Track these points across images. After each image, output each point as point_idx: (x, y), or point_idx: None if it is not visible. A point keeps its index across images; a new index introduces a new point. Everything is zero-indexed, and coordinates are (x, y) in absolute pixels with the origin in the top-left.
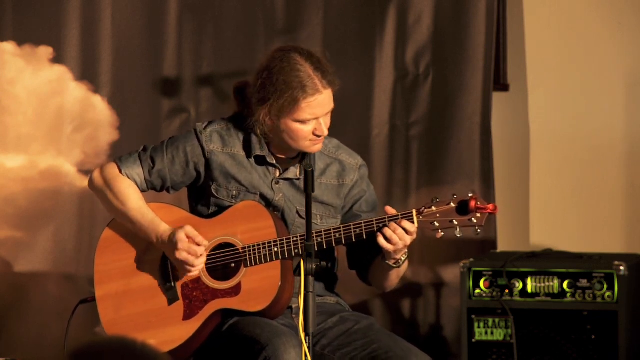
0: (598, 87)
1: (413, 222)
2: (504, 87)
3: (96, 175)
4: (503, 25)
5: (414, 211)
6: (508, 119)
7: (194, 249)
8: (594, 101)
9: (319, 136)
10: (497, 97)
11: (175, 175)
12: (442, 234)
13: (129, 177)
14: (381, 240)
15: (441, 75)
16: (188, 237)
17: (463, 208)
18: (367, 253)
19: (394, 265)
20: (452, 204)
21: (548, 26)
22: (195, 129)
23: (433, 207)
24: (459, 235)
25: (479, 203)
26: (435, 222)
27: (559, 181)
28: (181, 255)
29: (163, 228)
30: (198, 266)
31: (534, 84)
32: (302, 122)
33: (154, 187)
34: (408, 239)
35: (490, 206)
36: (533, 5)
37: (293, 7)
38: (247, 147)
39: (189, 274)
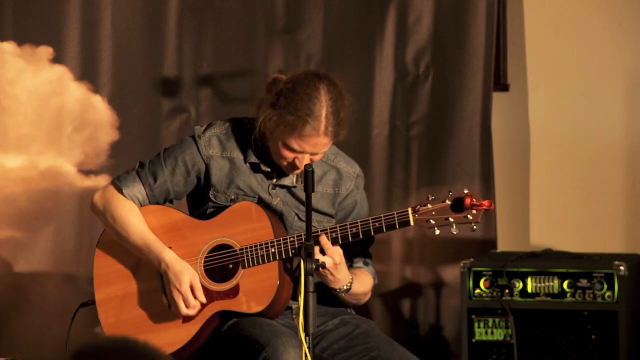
0: (598, 87)
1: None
2: (504, 87)
3: (97, 199)
4: (503, 25)
5: (410, 209)
6: (508, 119)
7: (191, 301)
8: (594, 101)
9: (297, 166)
10: (497, 97)
11: (177, 186)
12: (439, 231)
13: (130, 197)
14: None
15: (441, 75)
16: (191, 287)
17: (458, 205)
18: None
19: (335, 293)
20: (448, 201)
21: (548, 26)
22: (193, 135)
23: (428, 205)
24: (454, 232)
25: (473, 200)
26: (431, 220)
27: (559, 181)
28: (177, 296)
29: (168, 257)
30: (186, 312)
31: (534, 84)
32: (288, 147)
33: (157, 202)
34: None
35: (486, 202)
36: (533, 5)
37: (293, 7)
38: (245, 152)
39: (185, 310)
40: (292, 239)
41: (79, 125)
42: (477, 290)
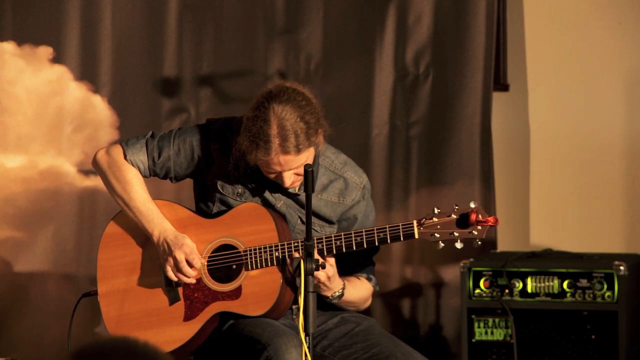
0: (598, 87)
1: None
2: (504, 87)
3: (101, 155)
4: (503, 25)
5: (415, 222)
6: (508, 119)
7: (194, 257)
8: (594, 101)
9: (284, 183)
10: (497, 97)
11: (180, 167)
12: (443, 245)
13: (132, 164)
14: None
15: (441, 75)
16: (187, 255)
17: (464, 221)
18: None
19: (327, 300)
20: (454, 216)
21: (548, 26)
22: (205, 125)
23: (434, 219)
24: (459, 247)
25: (479, 216)
26: (436, 234)
27: (559, 181)
28: (180, 255)
29: (169, 225)
30: (186, 274)
31: (534, 84)
32: (263, 169)
33: (156, 175)
34: (320, 275)
35: (491, 219)
36: (533, 5)
37: (293, 7)
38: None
39: (174, 276)
40: (296, 244)
41: (78, 125)
42: (477, 290)
